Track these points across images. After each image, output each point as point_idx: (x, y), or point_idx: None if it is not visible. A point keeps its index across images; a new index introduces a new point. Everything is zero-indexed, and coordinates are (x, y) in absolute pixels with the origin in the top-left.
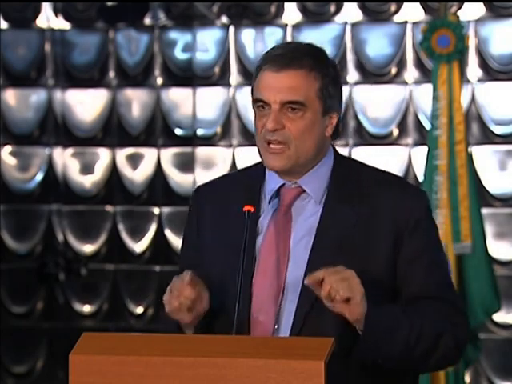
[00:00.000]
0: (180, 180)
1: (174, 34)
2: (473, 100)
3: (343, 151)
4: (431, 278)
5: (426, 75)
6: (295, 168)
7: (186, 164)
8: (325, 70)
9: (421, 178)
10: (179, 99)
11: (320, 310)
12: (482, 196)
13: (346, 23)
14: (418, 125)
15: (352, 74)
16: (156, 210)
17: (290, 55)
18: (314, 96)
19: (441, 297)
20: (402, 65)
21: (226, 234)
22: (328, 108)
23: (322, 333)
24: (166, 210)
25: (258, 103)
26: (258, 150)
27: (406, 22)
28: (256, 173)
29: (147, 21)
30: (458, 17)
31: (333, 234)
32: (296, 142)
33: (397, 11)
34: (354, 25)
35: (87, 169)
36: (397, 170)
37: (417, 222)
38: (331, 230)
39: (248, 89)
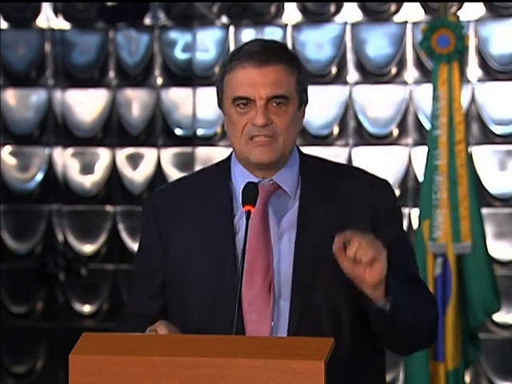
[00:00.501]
0: None
1: (173, 34)
2: (473, 100)
3: (343, 151)
4: (407, 264)
5: (426, 75)
6: (280, 161)
7: (185, 164)
8: (299, 65)
9: (421, 178)
10: (179, 99)
11: (315, 304)
12: (482, 196)
13: (345, 23)
14: (418, 125)
15: (352, 74)
16: None
17: (268, 51)
18: (293, 90)
19: (418, 282)
20: (402, 65)
21: (200, 236)
22: (302, 101)
23: (319, 325)
24: None
25: (239, 101)
26: (235, 148)
27: (406, 22)
28: (218, 174)
29: (147, 21)
30: (458, 17)
31: (314, 229)
32: (284, 136)
33: (397, 11)
34: (354, 25)
35: (87, 169)
36: (397, 169)
37: (389, 211)
38: (311, 224)
39: None
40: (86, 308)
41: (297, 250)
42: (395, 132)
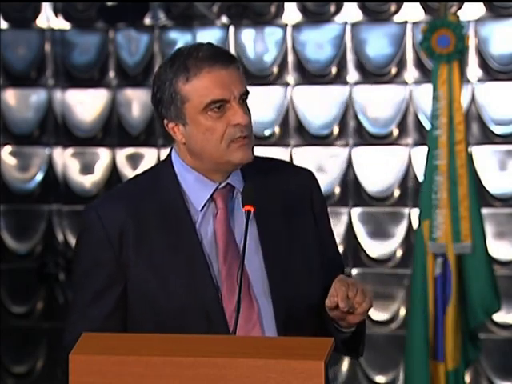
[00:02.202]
0: None
1: (173, 34)
2: (473, 100)
3: (343, 151)
4: (338, 251)
5: (426, 75)
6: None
7: None
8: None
9: (421, 178)
10: None
11: (294, 297)
12: (482, 196)
13: (345, 23)
14: (418, 125)
15: (352, 74)
16: None
17: (223, 52)
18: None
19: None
20: (402, 65)
21: (165, 248)
22: None
23: (303, 318)
24: None
25: (213, 105)
26: (211, 155)
27: (406, 22)
28: (164, 181)
29: (147, 21)
30: (458, 17)
31: (270, 222)
32: (252, 131)
33: (397, 11)
34: (354, 25)
35: (87, 169)
36: (397, 169)
37: (321, 200)
38: (266, 218)
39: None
40: None
41: (265, 249)
42: (395, 132)
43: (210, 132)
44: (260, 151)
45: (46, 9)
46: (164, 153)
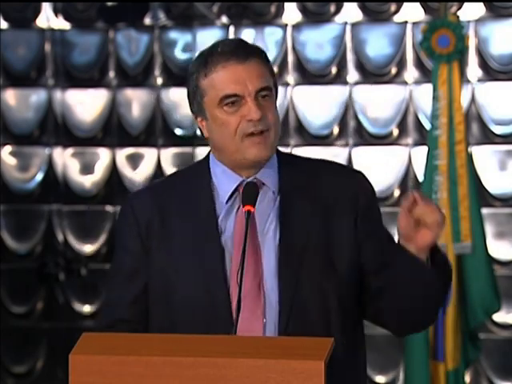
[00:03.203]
0: None
1: (174, 34)
2: (473, 100)
3: (343, 151)
4: (392, 247)
5: (426, 75)
6: (270, 157)
7: (185, 164)
8: (268, 58)
9: (421, 178)
10: (179, 99)
11: (303, 299)
12: (482, 196)
13: (346, 23)
14: (418, 125)
15: (352, 74)
16: None
17: (244, 47)
18: (272, 82)
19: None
20: (402, 65)
21: (185, 238)
22: (277, 94)
23: (309, 320)
24: None
25: (227, 100)
26: (227, 149)
27: (406, 22)
28: (198, 175)
29: (147, 21)
30: (458, 17)
31: (296, 224)
32: (274, 129)
33: (397, 11)
34: (354, 25)
35: (87, 169)
36: (397, 169)
37: (369, 201)
38: (294, 220)
39: None
40: (86, 308)
41: (281, 246)
42: (395, 132)
43: (225, 126)
44: None
45: (46, 9)
46: (164, 153)
